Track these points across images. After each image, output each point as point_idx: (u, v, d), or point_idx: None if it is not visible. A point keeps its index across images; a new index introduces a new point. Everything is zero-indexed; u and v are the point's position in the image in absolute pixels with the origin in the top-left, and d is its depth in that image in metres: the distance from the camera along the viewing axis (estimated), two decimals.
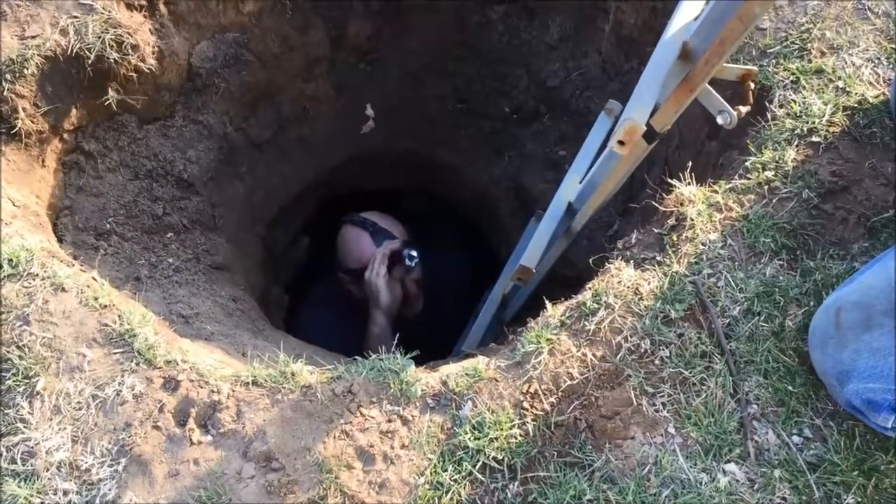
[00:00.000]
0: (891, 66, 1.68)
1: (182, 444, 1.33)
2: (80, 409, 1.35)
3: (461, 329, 2.45)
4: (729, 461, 1.30)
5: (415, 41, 2.64)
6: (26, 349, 1.39)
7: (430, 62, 2.70)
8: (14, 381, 1.36)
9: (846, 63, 1.70)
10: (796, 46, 1.74)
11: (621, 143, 1.15)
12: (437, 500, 1.27)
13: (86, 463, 1.30)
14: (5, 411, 1.34)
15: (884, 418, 1.24)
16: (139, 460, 1.31)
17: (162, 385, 1.39)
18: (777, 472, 1.28)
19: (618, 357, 1.39)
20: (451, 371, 1.42)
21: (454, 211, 3.29)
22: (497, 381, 1.39)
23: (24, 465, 1.30)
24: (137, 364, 1.40)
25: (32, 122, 1.74)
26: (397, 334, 1.80)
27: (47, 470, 1.29)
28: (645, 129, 1.10)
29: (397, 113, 2.81)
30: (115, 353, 1.41)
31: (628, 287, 1.47)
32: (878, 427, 1.27)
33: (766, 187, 1.57)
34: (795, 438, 1.32)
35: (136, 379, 1.38)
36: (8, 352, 1.38)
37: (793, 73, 1.70)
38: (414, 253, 2.54)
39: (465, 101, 2.80)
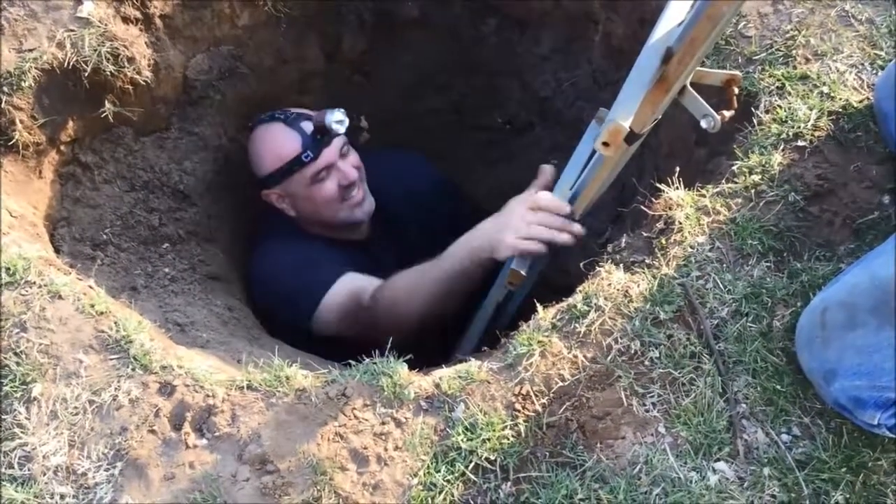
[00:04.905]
0: (874, 71, 1.71)
1: (178, 448, 1.34)
2: (76, 414, 1.36)
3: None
4: (719, 460, 1.31)
5: (409, 55, 2.67)
6: (23, 355, 1.41)
7: (424, 75, 2.73)
8: (11, 387, 1.37)
9: (831, 69, 1.72)
10: (781, 53, 1.76)
11: (606, 144, 1.18)
12: (430, 501, 1.28)
13: (82, 467, 1.32)
14: (3, 417, 1.35)
15: (870, 415, 1.26)
16: (135, 464, 1.32)
17: (158, 390, 1.40)
18: (766, 470, 1.30)
19: (608, 358, 1.41)
20: (444, 374, 1.43)
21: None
22: (489, 383, 1.41)
23: (21, 469, 1.31)
24: (133, 369, 1.42)
25: (30, 134, 1.76)
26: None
27: (44, 474, 1.31)
28: (628, 130, 1.13)
29: (392, 125, 2.84)
30: (112, 359, 1.43)
31: (618, 289, 1.49)
32: (864, 424, 1.29)
33: (752, 191, 1.59)
34: (784, 437, 1.34)
35: (132, 384, 1.40)
36: (5, 358, 1.40)
37: (778, 80, 1.73)
38: (341, 115, 2.03)
39: (460, 113, 2.82)
